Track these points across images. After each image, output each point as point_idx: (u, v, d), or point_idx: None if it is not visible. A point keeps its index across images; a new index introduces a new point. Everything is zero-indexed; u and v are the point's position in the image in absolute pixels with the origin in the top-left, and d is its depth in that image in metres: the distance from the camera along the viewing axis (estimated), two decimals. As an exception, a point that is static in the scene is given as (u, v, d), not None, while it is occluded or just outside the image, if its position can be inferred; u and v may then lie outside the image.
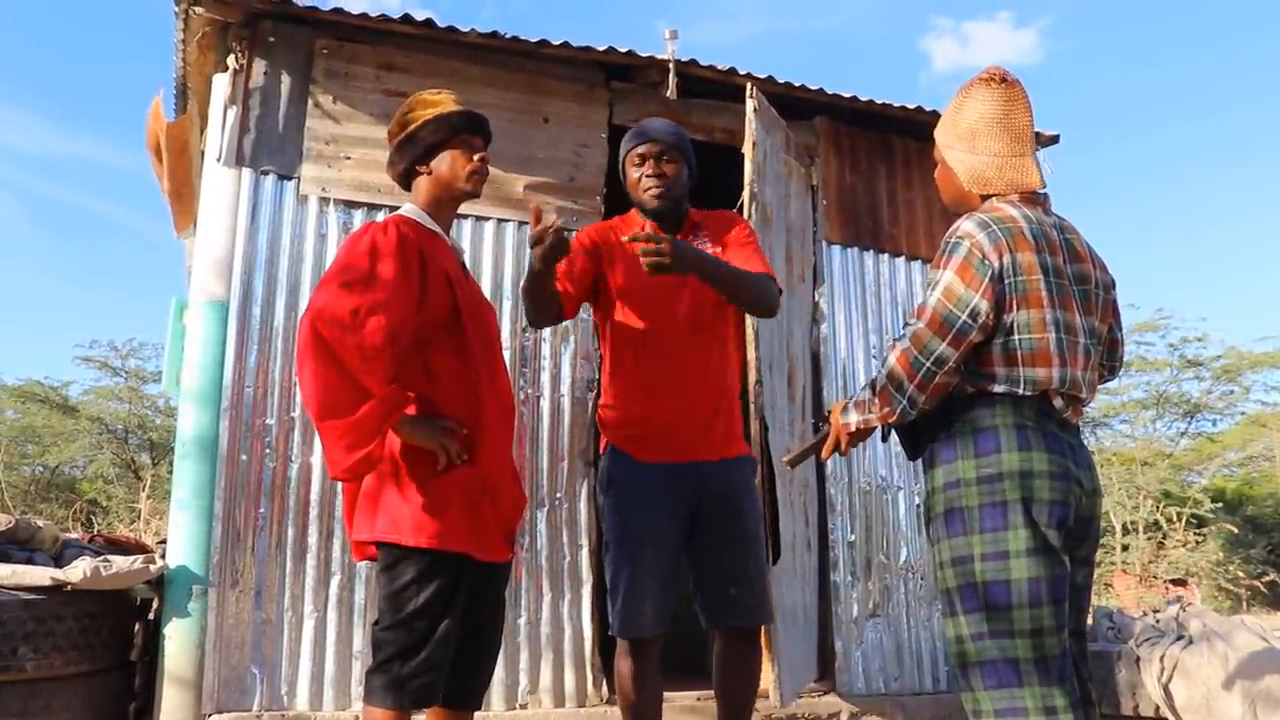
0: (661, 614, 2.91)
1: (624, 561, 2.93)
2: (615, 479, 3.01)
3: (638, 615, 2.89)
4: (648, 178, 3.05)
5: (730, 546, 2.95)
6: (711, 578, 2.95)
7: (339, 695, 4.06)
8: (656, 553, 2.91)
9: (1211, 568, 14.14)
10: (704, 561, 2.96)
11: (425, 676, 2.38)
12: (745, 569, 2.95)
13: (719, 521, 2.95)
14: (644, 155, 3.07)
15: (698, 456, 2.95)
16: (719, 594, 2.94)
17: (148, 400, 17.85)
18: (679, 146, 3.08)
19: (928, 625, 5.12)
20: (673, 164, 3.05)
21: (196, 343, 4.24)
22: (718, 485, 2.95)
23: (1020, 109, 2.31)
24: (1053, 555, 2.09)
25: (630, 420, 3.01)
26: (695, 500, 2.94)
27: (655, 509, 2.92)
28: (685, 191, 3.11)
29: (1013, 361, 2.15)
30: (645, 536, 2.92)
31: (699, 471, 2.94)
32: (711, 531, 2.95)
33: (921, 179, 5.56)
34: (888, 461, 5.23)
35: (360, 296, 2.31)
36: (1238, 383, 19.01)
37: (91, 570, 3.72)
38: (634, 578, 2.90)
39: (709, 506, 2.94)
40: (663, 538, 2.92)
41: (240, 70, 4.40)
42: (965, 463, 2.17)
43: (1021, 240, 2.16)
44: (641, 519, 2.93)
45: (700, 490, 2.94)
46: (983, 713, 2.10)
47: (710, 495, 2.94)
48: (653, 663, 2.96)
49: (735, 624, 2.98)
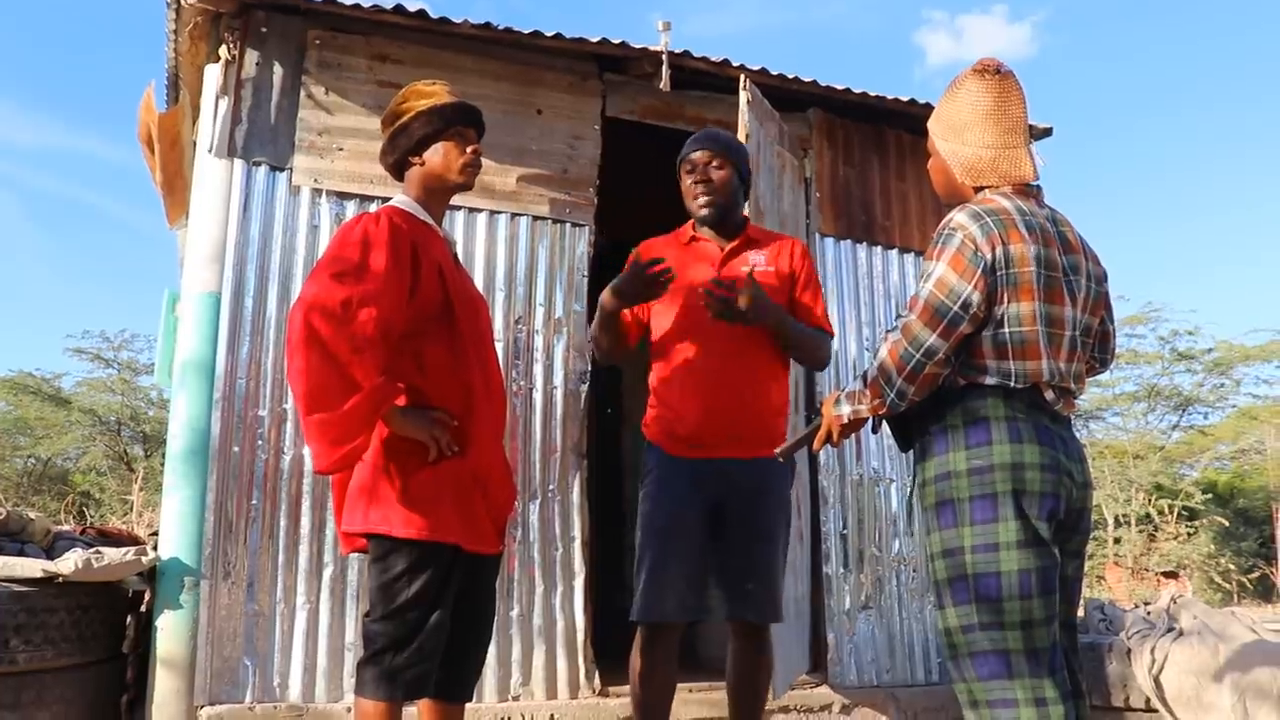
0: (683, 604, 2.94)
1: (648, 547, 2.99)
2: (649, 471, 3.10)
3: (658, 600, 2.93)
4: (696, 184, 3.11)
5: (746, 542, 2.99)
6: (727, 571, 2.99)
7: (331, 687, 4.06)
8: (681, 541, 2.95)
9: (1203, 560, 14.21)
10: (721, 555, 2.99)
11: (417, 668, 2.38)
12: (759, 565, 2.99)
13: (739, 517, 2.99)
14: (694, 163, 3.13)
15: (727, 454, 2.99)
16: (734, 587, 2.99)
17: (140, 392, 17.83)
18: (728, 153, 3.13)
19: (920, 617, 5.13)
20: (721, 170, 3.10)
21: (189, 334, 4.23)
22: (743, 482, 2.99)
23: (1013, 101, 2.31)
24: (1043, 547, 2.10)
25: (664, 418, 3.08)
26: (719, 495, 2.98)
27: (682, 501, 2.98)
28: (736, 199, 3.16)
29: (1003, 354, 2.15)
30: (671, 525, 2.97)
31: (726, 468, 2.98)
32: (731, 526, 2.99)
33: (915, 172, 5.55)
34: (880, 454, 5.23)
35: (352, 287, 2.30)
36: (1229, 376, 19.09)
37: (83, 562, 3.71)
38: (656, 563, 2.96)
39: (731, 501, 2.98)
40: (688, 528, 2.96)
41: (232, 61, 4.37)
42: (956, 455, 2.17)
43: (1014, 232, 2.16)
44: (668, 509, 2.99)
45: (725, 486, 2.98)
46: (976, 703, 2.11)
47: (734, 491, 2.98)
48: (667, 655, 2.99)
49: (746, 618, 3.02)
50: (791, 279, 3.14)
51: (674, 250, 3.17)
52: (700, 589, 2.96)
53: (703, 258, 3.14)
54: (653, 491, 3.05)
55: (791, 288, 3.14)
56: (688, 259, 3.14)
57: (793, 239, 3.33)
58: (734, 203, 3.15)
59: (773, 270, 3.10)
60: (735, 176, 3.13)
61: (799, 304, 3.14)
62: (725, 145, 3.15)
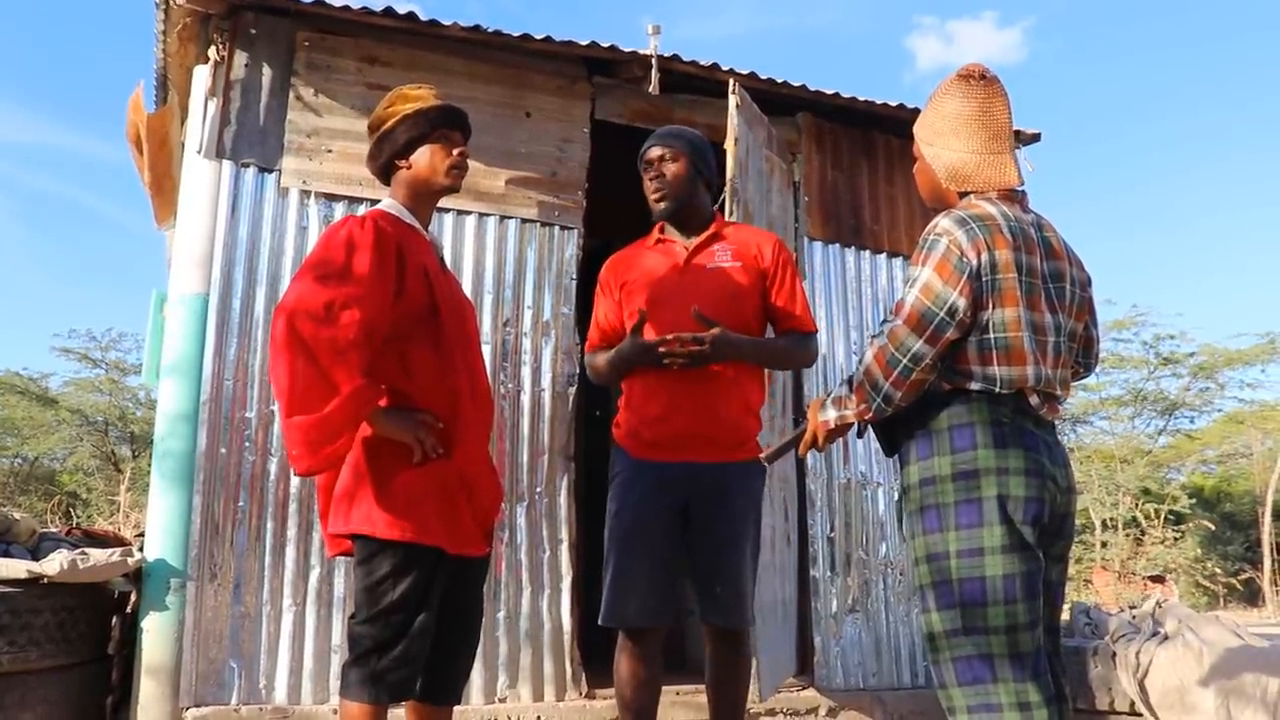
0: (650, 608, 2.92)
1: (612, 551, 2.98)
2: (615, 474, 3.08)
3: (621, 605, 2.92)
4: (651, 180, 3.11)
5: (713, 545, 2.97)
6: (697, 574, 2.99)
7: (317, 689, 4.05)
8: (646, 545, 2.93)
9: (1189, 564, 14.28)
10: (691, 557, 2.99)
11: (402, 670, 2.38)
12: (726, 569, 2.97)
13: (705, 520, 2.97)
14: (649, 160, 3.12)
15: (693, 457, 2.96)
16: (703, 591, 2.98)
17: (128, 392, 17.77)
18: (679, 145, 3.10)
19: (906, 621, 5.14)
20: (674, 164, 3.08)
21: (176, 335, 4.22)
22: (709, 484, 2.96)
23: (999, 106, 2.31)
24: (1028, 552, 2.10)
25: (630, 420, 3.07)
26: (685, 498, 2.96)
27: (646, 504, 2.96)
28: (692, 190, 3.12)
29: (988, 360, 2.15)
30: (634, 529, 2.95)
31: (691, 470, 2.96)
32: (697, 529, 2.97)
33: (903, 176, 5.57)
34: (867, 458, 5.25)
35: (335, 290, 2.30)
36: (1214, 380, 19.15)
37: (68, 563, 3.70)
38: (619, 567, 2.94)
39: (698, 505, 2.96)
40: (652, 532, 2.94)
41: (221, 62, 4.37)
42: (941, 459, 2.17)
43: (999, 238, 2.16)
44: (633, 512, 2.97)
45: (691, 488, 2.96)
46: (956, 709, 2.11)
47: (700, 494, 2.96)
48: (647, 658, 2.96)
49: (713, 622, 3.01)
50: (764, 278, 3.10)
51: (640, 254, 3.19)
52: (664, 593, 2.94)
53: (667, 260, 3.12)
54: (618, 494, 3.03)
55: (765, 287, 3.10)
56: (654, 261, 3.14)
57: (769, 234, 3.30)
58: (689, 195, 3.11)
59: (740, 265, 3.06)
60: (691, 169, 3.09)
61: (775, 307, 3.11)
62: (679, 138, 3.12)
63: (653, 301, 3.03)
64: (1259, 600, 15.17)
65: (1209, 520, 15.22)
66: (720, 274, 3.05)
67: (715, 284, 3.03)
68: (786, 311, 3.11)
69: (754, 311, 3.08)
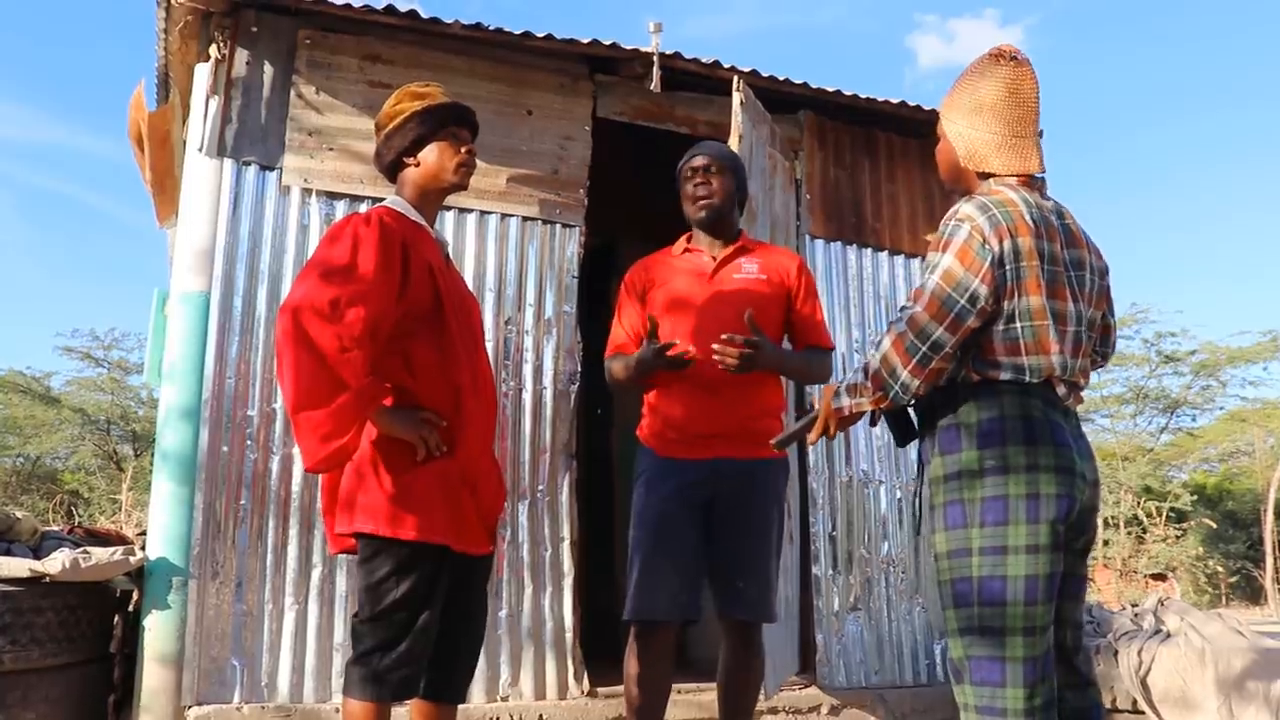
0: (680, 601, 2.96)
1: (639, 546, 3.02)
2: (641, 472, 3.14)
3: (649, 599, 2.96)
4: (697, 187, 3.20)
5: (737, 538, 3.02)
6: (719, 569, 3.02)
7: (320, 687, 4.05)
8: (673, 539, 2.98)
9: (1191, 562, 14.28)
10: (714, 552, 3.02)
11: (405, 669, 2.38)
12: (751, 564, 3.02)
13: (731, 515, 3.02)
14: (695, 168, 3.22)
15: (719, 453, 3.02)
16: (726, 585, 3.02)
17: (130, 391, 17.80)
18: (727, 164, 3.23)
19: (908, 619, 5.14)
20: (721, 176, 3.20)
21: (178, 334, 4.21)
22: (734, 480, 3.02)
23: (1027, 90, 2.26)
24: (1053, 553, 2.07)
25: (655, 422, 3.13)
26: (711, 494, 3.01)
27: (673, 499, 3.01)
28: (731, 205, 3.24)
29: (1015, 350, 2.13)
30: (661, 524, 3.00)
31: (716, 467, 3.01)
32: (723, 523, 3.02)
33: (905, 174, 5.57)
34: (869, 455, 5.24)
35: (340, 287, 2.30)
36: (1216, 378, 19.15)
37: (70, 562, 3.70)
38: (648, 561, 2.98)
39: (723, 500, 3.02)
40: (679, 527, 2.99)
41: (222, 60, 4.37)
42: (969, 454, 2.13)
43: (1022, 225, 2.13)
44: (659, 508, 3.02)
45: (717, 485, 3.01)
46: (968, 706, 2.11)
47: (726, 489, 3.02)
48: (662, 655, 3.01)
49: (738, 616, 3.05)
50: (789, 294, 3.21)
51: (667, 261, 3.27)
52: (692, 588, 2.99)
53: (695, 269, 3.21)
54: (644, 491, 3.08)
55: (790, 301, 3.21)
56: (682, 269, 3.23)
57: (793, 254, 3.44)
58: (729, 209, 3.23)
59: (765, 279, 3.17)
60: (733, 185, 3.22)
61: (797, 323, 3.22)
62: (725, 156, 3.26)
63: (680, 308, 3.12)
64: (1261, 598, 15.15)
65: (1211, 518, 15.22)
66: (746, 285, 3.15)
67: (742, 294, 3.10)
68: (809, 328, 3.22)
69: (776, 325, 3.18)
